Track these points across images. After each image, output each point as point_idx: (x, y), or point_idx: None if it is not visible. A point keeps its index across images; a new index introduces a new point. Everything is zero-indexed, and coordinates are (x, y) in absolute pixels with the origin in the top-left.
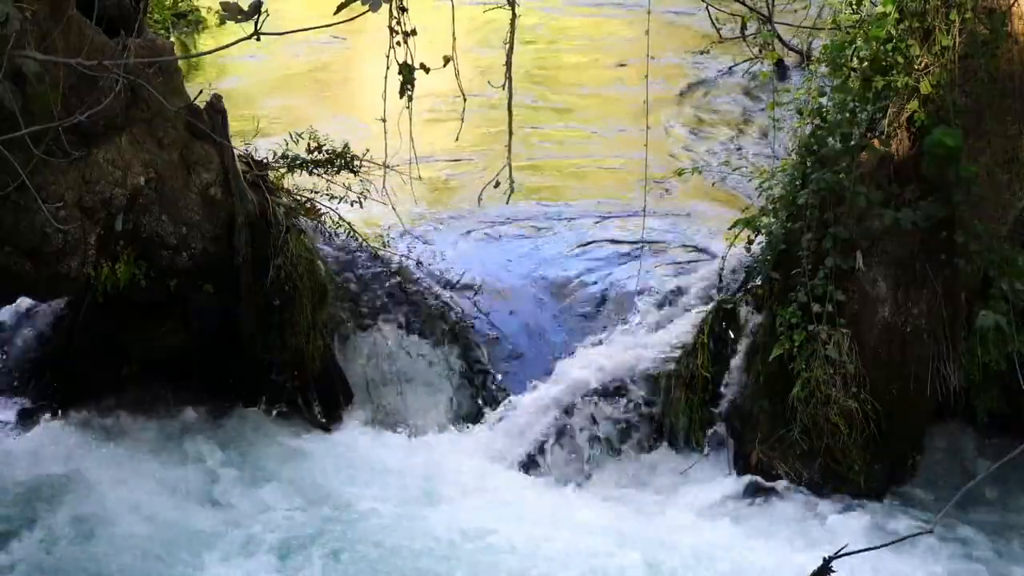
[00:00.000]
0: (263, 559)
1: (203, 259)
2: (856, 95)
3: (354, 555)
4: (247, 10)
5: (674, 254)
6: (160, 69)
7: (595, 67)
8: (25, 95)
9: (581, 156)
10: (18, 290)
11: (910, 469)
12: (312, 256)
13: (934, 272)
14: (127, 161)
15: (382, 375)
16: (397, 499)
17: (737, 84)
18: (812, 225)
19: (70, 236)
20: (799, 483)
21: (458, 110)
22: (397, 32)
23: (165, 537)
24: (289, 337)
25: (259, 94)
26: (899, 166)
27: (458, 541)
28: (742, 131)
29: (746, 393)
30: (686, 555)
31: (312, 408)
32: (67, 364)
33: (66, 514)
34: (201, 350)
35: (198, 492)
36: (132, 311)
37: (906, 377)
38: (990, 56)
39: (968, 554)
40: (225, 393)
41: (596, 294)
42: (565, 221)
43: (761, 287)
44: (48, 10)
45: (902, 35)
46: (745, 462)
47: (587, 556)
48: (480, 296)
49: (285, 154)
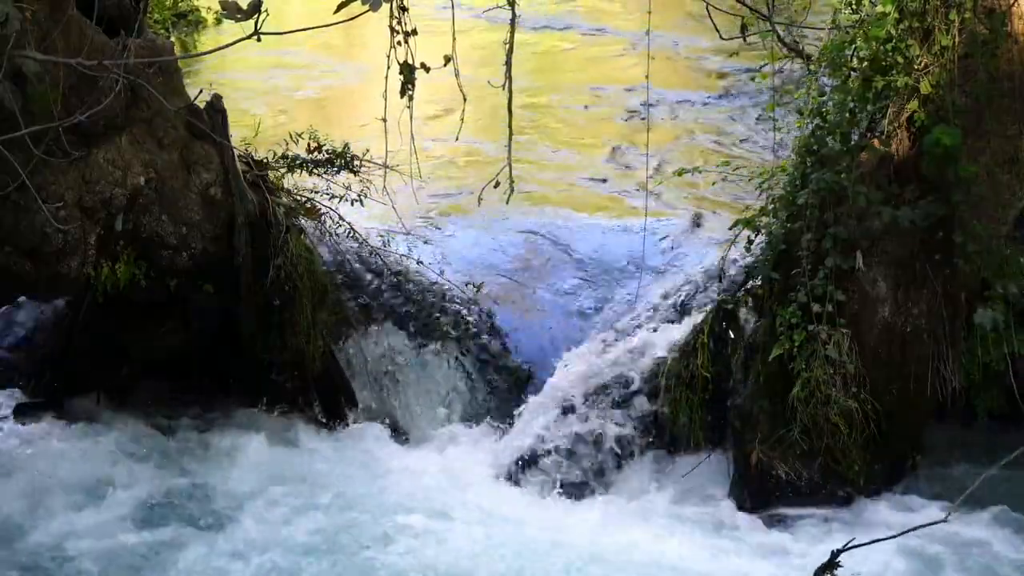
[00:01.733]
0: (264, 558)
1: (203, 259)
2: (856, 95)
3: (355, 555)
4: (246, 9)
5: (675, 254)
6: (160, 69)
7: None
8: (25, 95)
9: (581, 155)
10: (18, 290)
11: (910, 469)
12: (312, 256)
13: (934, 272)
14: (127, 161)
15: (383, 375)
16: (397, 500)
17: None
18: (812, 225)
19: (70, 236)
20: (799, 483)
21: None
22: (397, 32)
23: (165, 537)
24: (289, 337)
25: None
26: (899, 166)
27: (458, 541)
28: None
29: (746, 393)
30: (686, 555)
31: (313, 408)
32: (67, 364)
33: (66, 514)
34: (201, 350)
35: (198, 492)
36: (132, 311)
37: (906, 377)
38: (990, 56)
39: (975, 549)
40: (225, 393)
41: (597, 294)
42: (565, 220)
43: (761, 287)
44: (48, 10)
45: (902, 35)
46: (745, 462)
47: (586, 557)
48: (481, 296)
49: (285, 154)
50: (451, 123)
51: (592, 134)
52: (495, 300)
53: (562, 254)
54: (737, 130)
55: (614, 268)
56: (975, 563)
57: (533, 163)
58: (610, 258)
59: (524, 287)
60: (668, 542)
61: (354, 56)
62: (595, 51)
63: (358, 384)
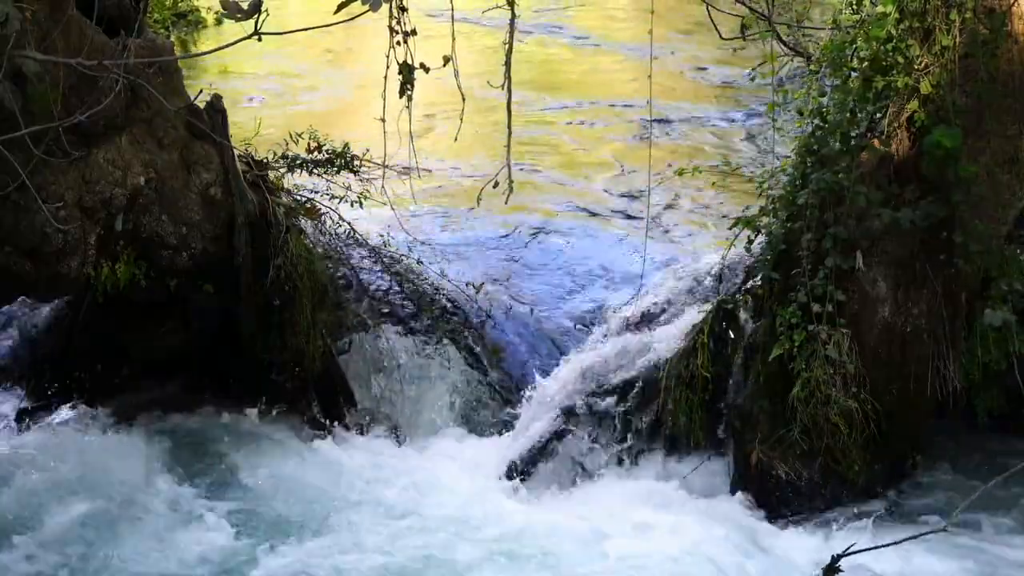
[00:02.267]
0: (264, 558)
1: (203, 259)
2: (856, 95)
3: (355, 555)
4: (247, 9)
5: (675, 254)
6: (160, 69)
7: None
8: (25, 95)
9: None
10: (18, 290)
11: (910, 469)
12: (312, 256)
13: (934, 272)
14: (127, 161)
15: (382, 376)
16: (396, 500)
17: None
18: (812, 225)
19: (70, 236)
20: (799, 483)
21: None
22: (397, 32)
23: (165, 537)
24: (289, 337)
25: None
26: (899, 166)
27: (458, 542)
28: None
29: (746, 393)
30: (686, 556)
31: (312, 409)
32: (67, 364)
33: (66, 513)
34: (201, 350)
35: (198, 492)
36: (132, 311)
37: (906, 377)
38: (990, 56)
39: (977, 555)
40: (225, 393)
41: (597, 294)
42: (566, 222)
43: (761, 287)
44: (48, 10)
45: (902, 35)
46: (745, 462)
47: (585, 557)
48: (481, 296)
49: (285, 154)
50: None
51: (594, 154)
52: (494, 299)
53: (562, 254)
54: (732, 142)
55: (614, 268)
56: (974, 566)
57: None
58: (610, 258)
59: (524, 287)
60: (668, 542)
61: (351, 62)
62: (592, 62)
63: (357, 384)
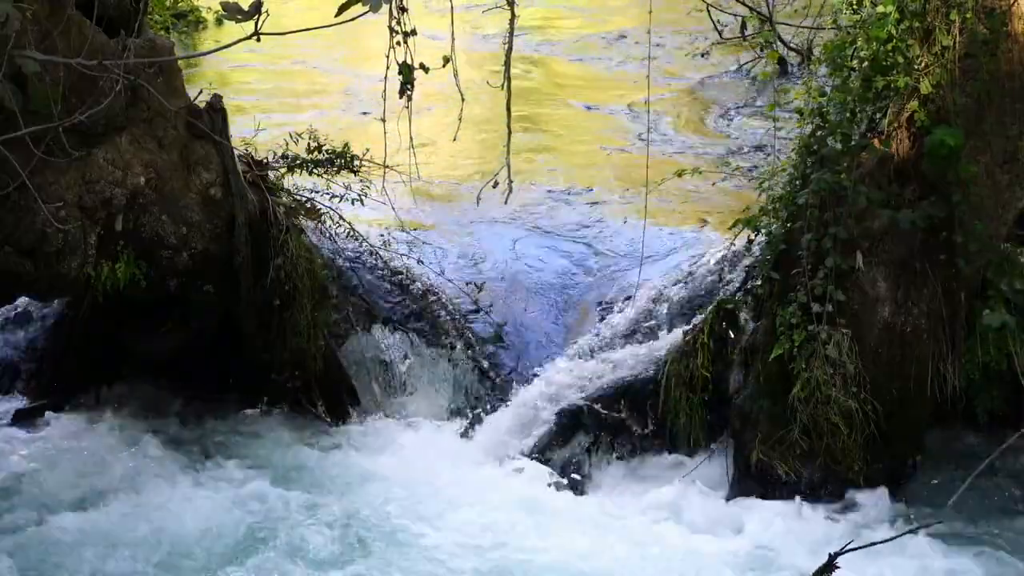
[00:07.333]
0: (264, 559)
1: (203, 259)
2: (856, 95)
3: (356, 556)
4: (247, 10)
5: (675, 254)
6: (160, 69)
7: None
8: (25, 95)
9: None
10: (18, 290)
11: (910, 469)
12: (312, 256)
13: (934, 272)
14: (127, 161)
15: (383, 375)
16: (400, 499)
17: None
18: (812, 225)
19: (70, 236)
20: (799, 483)
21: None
22: (397, 32)
23: (165, 537)
24: (289, 337)
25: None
26: (899, 166)
27: (458, 542)
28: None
29: (746, 393)
30: (685, 555)
31: (316, 407)
32: (67, 363)
33: (66, 513)
34: (201, 350)
35: (197, 492)
36: (132, 311)
37: (906, 377)
38: (990, 56)
39: (968, 551)
40: (225, 393)
41: (597, 293)
42: (565, 220)
43: (761, 287)
44: (48, 10)
45: (902, 35)
46: (745, 462)
47: (583, 556)
48: (481, 294)
49: (285, 154)
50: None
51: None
52: (494, 297)
53: (562, 253)
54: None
55: (614, 268)
56: (972, 564)
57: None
58: (610, 258)
59: (524, 286)
60: (667, 542)
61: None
62: (585, 67)
63: (359, 383)
